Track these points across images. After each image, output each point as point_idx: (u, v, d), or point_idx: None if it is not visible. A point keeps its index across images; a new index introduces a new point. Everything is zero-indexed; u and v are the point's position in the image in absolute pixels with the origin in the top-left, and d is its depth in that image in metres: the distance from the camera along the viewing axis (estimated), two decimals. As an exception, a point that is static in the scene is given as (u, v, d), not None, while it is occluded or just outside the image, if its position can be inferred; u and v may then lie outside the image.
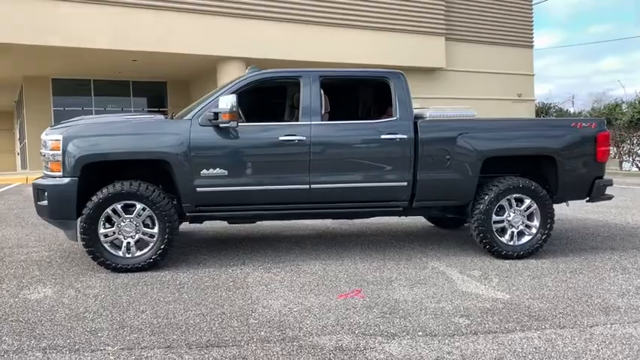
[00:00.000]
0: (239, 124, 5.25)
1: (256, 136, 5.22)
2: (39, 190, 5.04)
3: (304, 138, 5.22)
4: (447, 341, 3.53)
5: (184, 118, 5.19)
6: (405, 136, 5.36)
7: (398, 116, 5.45)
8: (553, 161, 5.63)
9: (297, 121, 5.33)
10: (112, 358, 3.26)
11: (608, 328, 3.74)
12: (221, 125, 5.03)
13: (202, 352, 3.33)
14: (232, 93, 5.25)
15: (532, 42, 26.08)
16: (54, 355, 3.29)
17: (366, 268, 5.27)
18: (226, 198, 5.21)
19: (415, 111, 5.72)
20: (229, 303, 4.26)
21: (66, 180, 4.94)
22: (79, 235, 4.99)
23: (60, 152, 4.94)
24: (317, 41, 18.85)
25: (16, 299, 4.35)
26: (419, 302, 4.28)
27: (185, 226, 7.00)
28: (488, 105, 22.75)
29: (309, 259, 5.60)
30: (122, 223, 5.05)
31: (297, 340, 3.54)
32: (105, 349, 3.38)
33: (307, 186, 5.26)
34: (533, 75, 26.48)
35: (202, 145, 5.09)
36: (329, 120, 5.62)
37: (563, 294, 4.50)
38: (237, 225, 7.28)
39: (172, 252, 5.85)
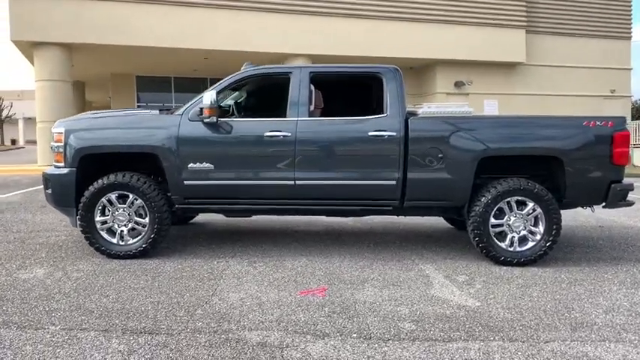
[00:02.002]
0: (229, 119, 5.38)
1: (242, 132, 5.30)
2: (46, 180, 5.47)
3: (289, 134, 5.22)
4: (376, 345, 3.41)
5: (175, 113, 5.39)
6: (393, 134, 5.19)
7: (388, 113, 5.29)
8: (560, 163, 5.20)
9: (285, 117, 5.33)
10: (48, 336, 3.49)
11: (563, 346, 3.43)
12: (205, 121, 5.17)
13: (131, 337, 3.47)
14: (221, 89, 5.38)
15: (630, 33, 23.96)
16: (2, 330, 3.58)
17: (350, 266, 5.18)
18: (213, 191, 5.35)
19: (410, 108, 5.51)
20: (191, 293, 4.38)
21: (66, 170, 5.32)
22: (77, 221, 5.35)
23: (62, 144, 5.33)
24: (391, 37, 18.61)
25: (9, 278, 4.77)
26: (377, 304, 4.15)
27: (202, 216, 7.26)
28: (575, 102, 21.27)
29: (299, 254, 5.60)
30: (116, 212, 5.35)
31: (227, 333, 3.58)
32: (48, 328, 3.62)
33: (292, 182, 5.27)
34: (631, 69, 24.33)
35: (190, 140, 5.26)
36: (320, 117, 5.57)
37: (542, 306, 4.17)
38: (249, 219, 7.42)
39: (175, 241, 6.12)
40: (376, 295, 4.38)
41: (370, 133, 5.21)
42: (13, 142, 59.41)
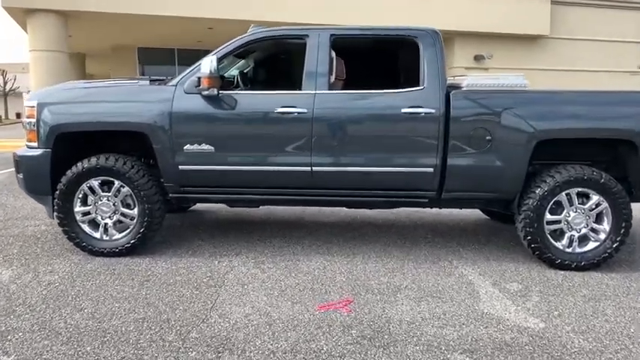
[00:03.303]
0: (233, 92, 4.50)
1: (249, 107, 4.40)
2: (16, 162, 4.61)
3: (305, 110, 4.32)
4: (424, 392, 2.57)
5: (169, 84, 4.49)
6: (432, 111, 4.28)
7: (425, 85, 4.37)
8: (633, 147, 4.28)
9: (300, 89, 4.43)
10: (-5, 373, 2.68)
11: (672, 395, 2.58)
12: (204, 93, 4.27)
13: (103, 376, 2.66)
14: (223, 55, 4.47)
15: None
16: (-62, 361, 2.77)
17: (377, 269, 4.33)
18: (213, 178, 4.48)
19: (451, 79, 4.59)
20: (186, 306, 3.55)
21: (40, 151, 4.46)
22: (54, 212, 4.52)
23: (34, 120, 4.46)
24: (408, 7, 17.44)
25: (-33, 282, 3.95)
26: (416, 325, 3.31)
27: (202, 204, 6.42)
28: (599, 78, 20.07)
29: (314, 252, 4.75)
30: (99, 202, 4.50)
31: (228, 369, 2.76)
32: (-2, 359, 2.81)
33: (308, 168, 4.39)
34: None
35: (185, 116, 4.37)
36: (343, 89, 4.66)
37: (623, 329, 3.32)
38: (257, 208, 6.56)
39: (171, 234, 5.28)
40: (413, 310, 3.54)
41: (403, 110, 4.30)
42: (18, 115, 58.62)
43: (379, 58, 5.54)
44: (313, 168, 4.39)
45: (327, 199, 4.55)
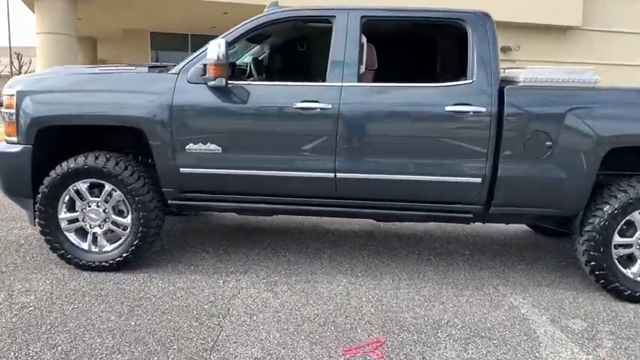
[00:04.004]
0: (245, 83, 3.82)
1: (263, 101, 3.72)
2: (-8, 159, 3.98)
3: (330, 106, 3.63)
4: None
5: (170, 72, 3.82)
6: (482, 109, 3.57)
7: (475, 79, 3.65)
8: None
9: (324, 81, 3.73)
10: None
11: None
12: (210, 84, 3.59)
13: None
14: (234, 38, 3.80)
15: None
16: None
17: (410, 297, 3.65)
18: (220, 183, 3.82)
19: (504, 72, 3.87)
20: (181, 344, 2.91)
21: (19, 148, 3.82)
22: (35, 219, 3.89)
23: (14, 111, 3.82)
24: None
25: None
26: (467, 381, 2.64)
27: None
28: (635, 72, 19.01)
29: (335, 271, 4.08)
30: (87, 208, 3.86)
31: None
32: None
33: (331, 174, 3.71)
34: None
35: (188, 110, 3.71)
36: (374, 82, 3.96)
37: None
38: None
39: (171, 241, 4.63)
40: (460, 358, 2.86)
41: (448, 108, 3.59)
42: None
43: (416, 46, 4.82)
44: (337, 174, 3.71)
45: (353, 210, 3.87)
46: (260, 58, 4.97)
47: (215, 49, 3.50)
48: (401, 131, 3.70)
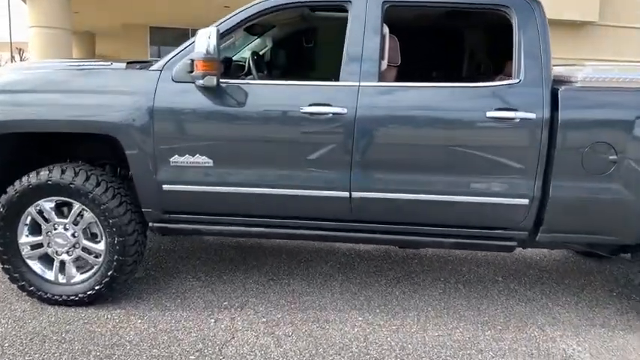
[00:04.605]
0: (241, 82, 3.18)
1: (263, 104, 3.07)
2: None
3: (345, 110, 2.98)
4: None
5: (152, 68, 3.17)
6: (531, 116, 2.91)
7: (522, 78, 2.99)
8: None
9: (337, 80, 3.08)
10: None
11: None
12: (199, 83, 2.94)
13: None
14: (229, 28, 3.16)
15: None
16: None
17: (442, 341, 3.01)
18: (211, 203, 3.18)
19: (556, 70, 3.21)
20: (156, 417, 2.27)
21: (-30, 159, 3.20)
22: (-10, 243, 3.25)
23: (-33, 114, 3.18)
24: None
25: None
26: None
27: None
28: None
29: (349, 306, 3.43)
30: (53, 232, 3.22)
31: None
32: None
33: (346, 193, 3.06)
34: None
35: (173, 115, 3.06)
36: (396, 81, 3.30)
37: None
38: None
39: (157, 264, 3.99)
40: None
41: (489, 114, 2.93)
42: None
43: (446, 38, 4.18)
44: (353, 193, 3.06)
45: (371, 236, 3.21)
46: (261, 53, 4.32)
47: (204, 41, 2.84)
48: (430, 142, 3.04)
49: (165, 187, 3.12)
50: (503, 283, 3.96)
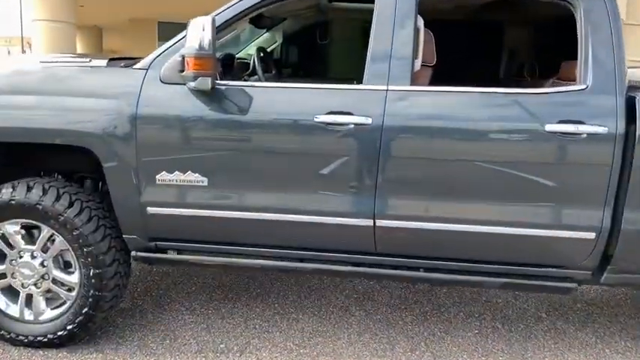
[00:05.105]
0: (242, 83, 2.64)
1: (270, 112, 2.52)
2: None
3: (369, 120, 2.43)
4: None
5: (136, 66, 2.63)
6: (602, 130, 2.34)
7: (589, 83, 2.41)
8: None
9: (360, 83, 2.53)
10: None
11: None
12: (191, 85, 2.40)
13: None
14: (228, 19, 2.61)
15: None
16: None
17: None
18: (206, 230, 2.65)
19: (632, 71, 2.63)
20: None
21: None
22: (-56, 272, 2.74)
23: None
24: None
25: None
26: None
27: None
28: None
29: (370, 353, 2.87)
30: (18, 260, 2.71)
31: None
32: None
33: (369, 222, 2.51)
34: None
35: (161, 124, 2.54)
36: (431, 84, 2.74)
37: None
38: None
39: (146, 292, 3.46)
40: None
41: (549, 128, 2.36)
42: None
43: (483, 33, 3.59)
44: (378, 221, 2.51)
45: (399, 273, 2.65)
46: (269, 50, 3.78)
47: (197, 34, 2.31)
48: (475, 159, 2.47)
49: (151, 209, 2.58)
50: (548, 320, 3.39)
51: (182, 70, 2.42)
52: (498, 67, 3.92)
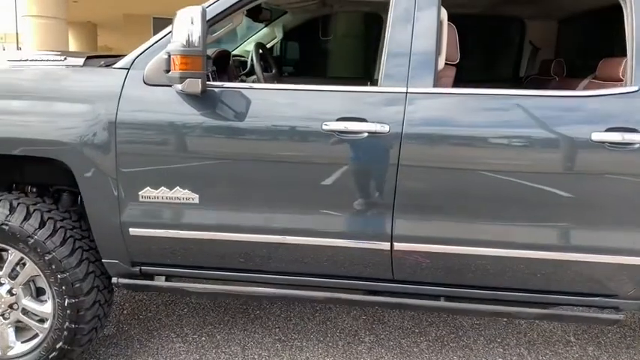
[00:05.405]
0: (237, 85, 2.31)
1: (270, 118, 2.18)
2: None
3: (386, 128, 2.09)
4: None
5: (116, 66, 2.28)
6: (658, 139, 2.01)
7: (642, 84, 2.09)
8: None
9: (374, 84, 2.19)
10: None
11: None
12: (179, 88, 2.05)
13: None
14: (221, 11, 2.25)
15: None
16: None
17: None
18: (197, 254, 2.31)
19: None
20: None
21: None
22: None
23: None
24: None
25: None
26: None
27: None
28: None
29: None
30: (-18, 287, 2.37)
31: None
32: None
33: (386, 244, 2.17)
34: None
35: (144, 131, 2.19)
36: (454, 86, 2.40)
37: None
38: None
39: (135, 318, 3.11)
40: None
41: (595, 137, 2.03)
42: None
43: (502, 29, 3.26)
44: (395, 244, 2.17)
45: (419, 303, 2.32)
46: (269, 46, 3.43)
47: (184, 27, 1.96)
48: (510, 174, 2.13)
49: (134, 230, 2.24)
50: (578, 345, 3.06)
51: (168, 70, 2.07)
52: (517, 66, 3.59)
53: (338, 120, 2.10)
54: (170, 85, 2.12)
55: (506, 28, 3.53)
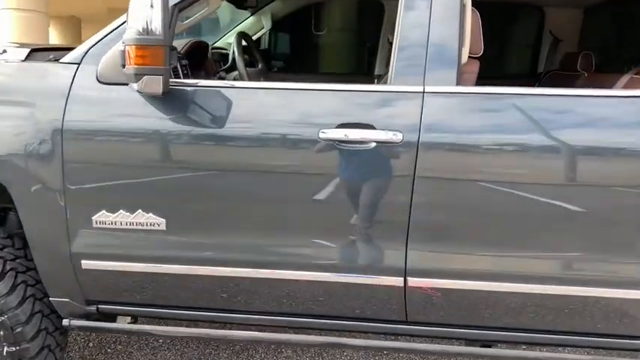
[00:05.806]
0: (213, 83, 1.90)
1: (254, 123, 1.75)
2: None
3: (399, 137, 1.68)
4: None
5: (64, 60, 1.85)
6: None
7: None
8: None
9: (383, 83, 1.78)
10: None
11: None
12: (135, 87, 1.63)
13: None
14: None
15: None
16: None
17: None
18: (167, 291, 1.89)
19: None
20: None
21: None
22: None
23: None
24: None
25: None
26: None
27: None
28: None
29: None
30: None
31: None
32: None
33: (398, 279, 1.76)
34: None
35: (98, 141, 1.77)
36: (479, 84, 1.99)
37: None
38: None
39: (99, 351, 2.68)
40: None
41: (656, 145, 1.63)
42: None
43: (519, 18, 2.87)
44: (410, 279, 1.76)
45: (437, 348, 1.91)
46: (254, 38, 3.00)
47: (143, 12, 1.54)
48: (547, 193, 1.72)
49: (86, 263, 1.82)
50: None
51: (123, 64, 1.65)
52: (535, 60, 3.21)
53: (338, 127, 1.69)
54: (124, 84, 1.70)
55: (523, 17, 3.14)
